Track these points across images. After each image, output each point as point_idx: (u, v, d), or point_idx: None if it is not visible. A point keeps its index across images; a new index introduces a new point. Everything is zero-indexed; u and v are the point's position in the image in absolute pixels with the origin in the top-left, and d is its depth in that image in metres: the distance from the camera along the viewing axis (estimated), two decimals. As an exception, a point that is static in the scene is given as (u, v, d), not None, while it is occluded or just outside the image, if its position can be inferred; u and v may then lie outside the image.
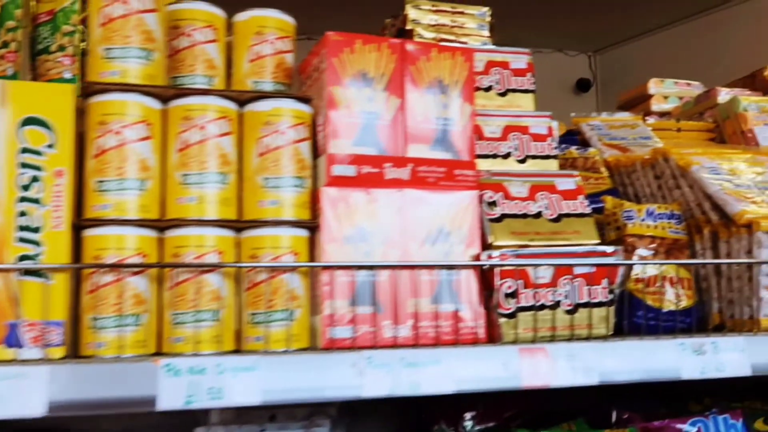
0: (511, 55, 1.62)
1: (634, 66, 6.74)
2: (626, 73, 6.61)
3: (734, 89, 2.21)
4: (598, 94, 7.14)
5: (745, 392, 1.86)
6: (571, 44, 7.27)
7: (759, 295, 1.41)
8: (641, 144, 1.97)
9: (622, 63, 7.21)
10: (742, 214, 1.44)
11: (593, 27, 6.67)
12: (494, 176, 1.37)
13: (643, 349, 1.30)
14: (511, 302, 1.26)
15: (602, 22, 6.52)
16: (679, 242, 1.54)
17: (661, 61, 6.21)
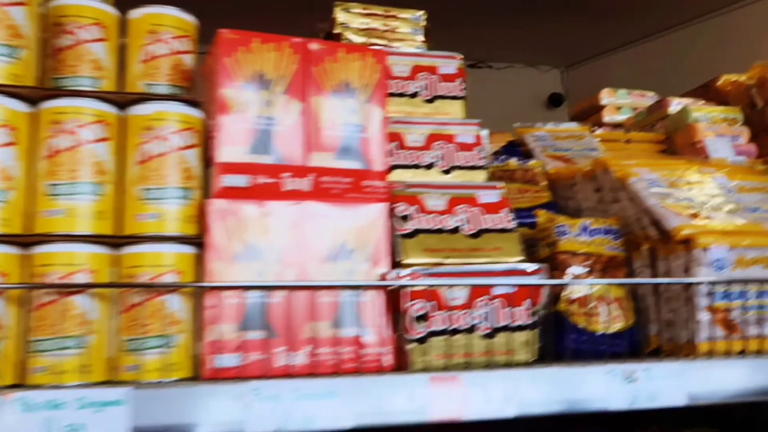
0: (440, 59, 1.51)
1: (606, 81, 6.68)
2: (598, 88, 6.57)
3: (686, 100, 2.13)
4: (570, 109, 7.10)
5: (694, 417, 1.76)
6: (543, 59, 7.22)
7: (697, 317, 1.31)
8: (587, 156, 1.87)
9: (594, 78, 7.16)
10: (680, 229, 1.34)
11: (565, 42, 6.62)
12: (409, 188, 1.26)
13: (568, 376, 1.19)
14: (421, 326, 1.14)
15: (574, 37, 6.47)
16: (616, 259, 1.44)
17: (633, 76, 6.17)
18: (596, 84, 7.90)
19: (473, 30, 6.53)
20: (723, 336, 1.32)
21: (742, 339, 1.33)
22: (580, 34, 6.31)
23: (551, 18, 5.89)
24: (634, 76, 6.29)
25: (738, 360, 1.31)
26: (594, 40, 6.46)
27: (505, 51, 6.82)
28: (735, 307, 1.32)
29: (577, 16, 5.85)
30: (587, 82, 7.17)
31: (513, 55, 7.07)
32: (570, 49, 6.82)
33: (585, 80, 7.03)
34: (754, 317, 1.34)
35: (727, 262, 1.32)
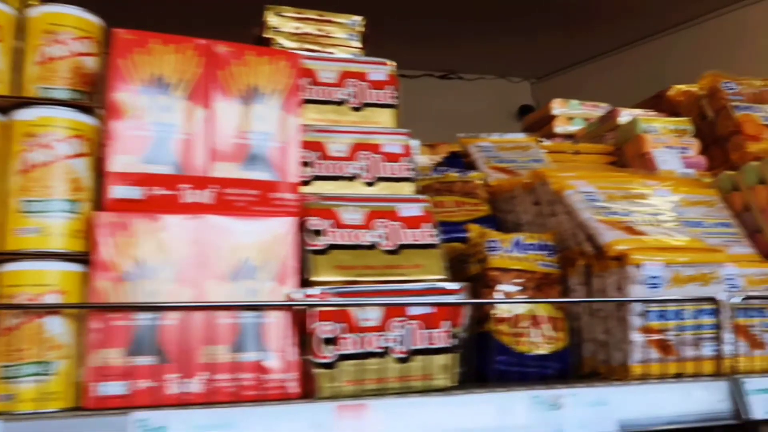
0: (370, 65, 1.44)
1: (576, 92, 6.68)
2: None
3: (638, 111, 2.08)
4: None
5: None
6: (513, 71, 7.21)
7: (630, 338, 1.24)
8: (531, 168, 1.80)
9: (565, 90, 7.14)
10: (613, 245, 1.27)
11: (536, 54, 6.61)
12: (324, 200, 1.18)
13: (490, 403, 1.12)
14: (329, 350, 1.06)
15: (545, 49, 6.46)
16: (550, 277, 1.37)
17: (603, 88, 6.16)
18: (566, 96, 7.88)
19: (444, 41, 6.49)
20: (658, 358, 1.25)
21: (678, 361, 1.26)
22: (551, 46, 6.31)
23: (522, 30, 5.88)
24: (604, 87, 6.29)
25: (673, 384, 1.24)
26: (564, 52, 6.46)
27: (475, 62, 6.79)
28: (670, 328, 1.26)
29: (547, 28, 5.84)
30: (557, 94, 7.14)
31: (484, 67, 7.05)
32: (540, 61, 6.81)
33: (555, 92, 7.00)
34: (691, 338, 1.27)
35: (663, 280, 1.26)
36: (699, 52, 5.42)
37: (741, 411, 1.25)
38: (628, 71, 6.12)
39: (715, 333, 1.29)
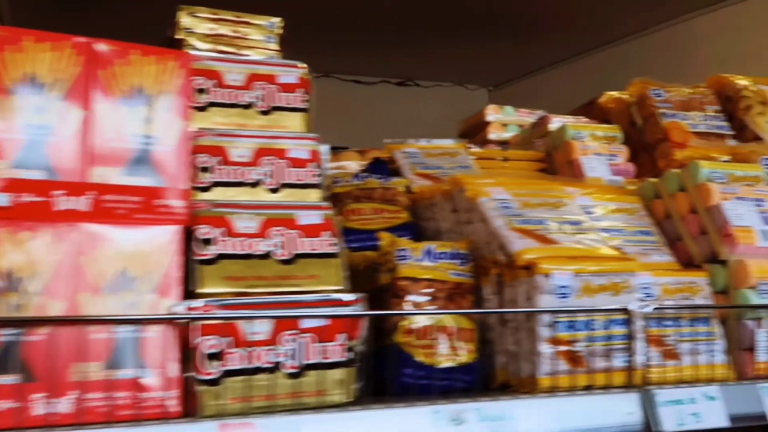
0: (280, 68, 1.39)
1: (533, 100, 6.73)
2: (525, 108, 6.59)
3: (569, 117, 2.06)
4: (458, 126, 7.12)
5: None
6: (470, 78, 7.23)
7: (537, 349, 1.20)
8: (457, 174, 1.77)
9: (522, 97, 7.19)
10: (522, 253, 1.23)
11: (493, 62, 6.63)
12: (216, 208, 1.12)
13: (388, 419, 1.07)
14: (214, 365, 1.00)
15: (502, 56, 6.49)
16: (462, 286, 1.33)
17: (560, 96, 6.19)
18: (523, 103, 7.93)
19: (400, 48, 6.48)
20: (567, 370, 1.22)
21: (588, 373, 1.23)
22: (507, 55, 6.33)
23: (477, 39, 5.89)
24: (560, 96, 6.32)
25: (583, 396, 1.21)
26: (520, 60, 6.49)
27: (432, 70, 6.79)
28: (580, 339, 1.23)
29: (504, 36, 5.86)
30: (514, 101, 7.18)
31: (440, 74, 7.05)
32: (497, 69, 6.83)
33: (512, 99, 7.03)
34: (602, 349, 1.24)
35: (572, 290, 1.22)
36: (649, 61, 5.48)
37: (651, 423, 1.22)
38: (582, 80, 6.16)
39: (627, 344, 1.26)
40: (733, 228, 1.41)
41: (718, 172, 1.49)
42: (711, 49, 4.85)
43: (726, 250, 1.41)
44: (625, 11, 5.26)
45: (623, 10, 5.26)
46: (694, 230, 1.48)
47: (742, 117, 1.90)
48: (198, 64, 1.31)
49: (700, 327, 1.35)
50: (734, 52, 4.53)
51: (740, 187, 1.48)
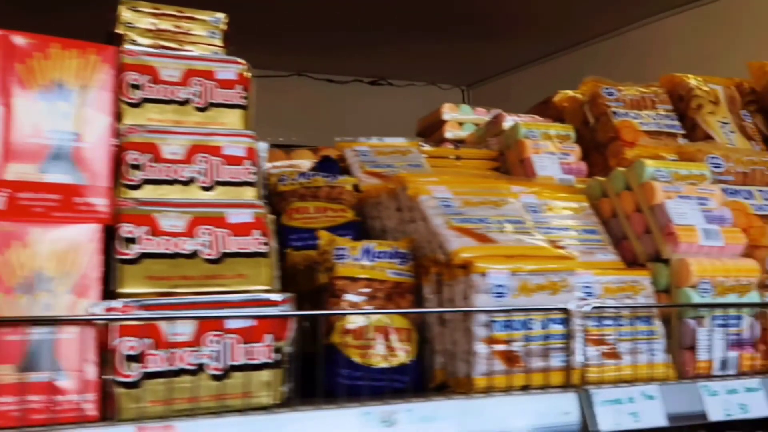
0: (218, 63, 1.36)
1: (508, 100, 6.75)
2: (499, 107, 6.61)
3: (525, 116, 2.05)
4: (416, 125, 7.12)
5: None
6: (444, 78, 7.23)
7: (473, 349, 1.19)
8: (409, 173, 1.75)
9: (496, 97, 7.21)
10: (459, 252, 1.22)
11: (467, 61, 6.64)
12: (142, 206, 1.10)
13: (316, 421, 1.05)
14: (133, 368, 0.98)
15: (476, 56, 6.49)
16: (402, 286, 1.31)
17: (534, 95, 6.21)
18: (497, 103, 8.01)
19: (373, 47, 6.46)
20: (503, 370, 1.20)
21: (525, 372, 1.22)
22: (482, 53, 6.33)
23: (452, 36, 5.89)
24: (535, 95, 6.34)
25: (519, 396, 1.20)
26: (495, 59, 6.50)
27: (405, 69, 6.78)
28: (517, 338, 1.22)
29: (478, 35, 5.86)
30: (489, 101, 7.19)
31: (414, 73, 7.04)
32: (471, 68, 6.84)
33: (486, 99, 7.04)
34: (539, 348, 1.23)
35: (509, 289, 1.21)
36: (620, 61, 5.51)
37: (588, 423, 1.21)
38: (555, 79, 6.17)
39: (565, 343, 1.25)
40: (675, 227, 1.40)
41: (663, 171, 1.49)
42: (679, 49, 4.89)
43: (668, 249, 1.41)
44: (597, 12, 5.29)
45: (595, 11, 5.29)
46: (639, 229, 1.48)
47: (694, 116, 1.90)
48: (133, 59, 1.28)
49: (641, 326, 1.35)
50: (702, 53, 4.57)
51: (684, 185, 1.48)
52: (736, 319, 1.40)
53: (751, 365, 1.40)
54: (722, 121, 1.90)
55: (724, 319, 1.38)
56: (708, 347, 1.37)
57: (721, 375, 1.38)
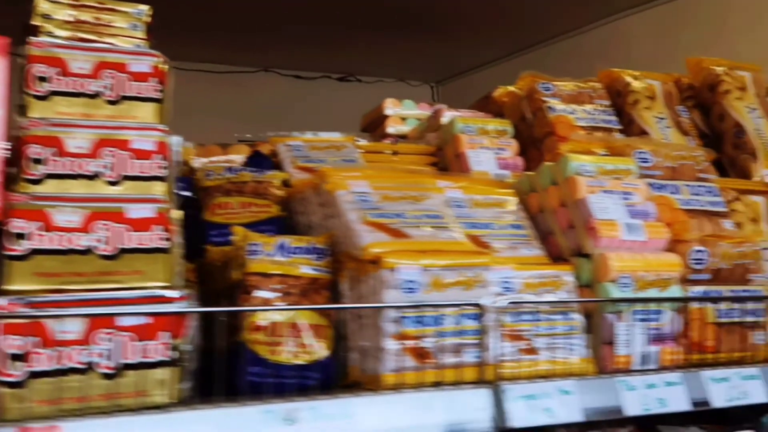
0: (131, 56, 1.33)
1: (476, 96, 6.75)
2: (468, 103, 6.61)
3: (465, 111, 2.04)
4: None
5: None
6: (413, 74, 7.22)
7: (382, 345, 1.18)
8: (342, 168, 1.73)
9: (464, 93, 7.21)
10: (369, 247, 1.21)
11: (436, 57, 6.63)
12: (35, 200, 1.07)
13: (215, 420, 1.03)
14: (18, 367, 0.95)
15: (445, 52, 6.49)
16: (318, 282, 1.29)
17: (500, 93, 6.22)
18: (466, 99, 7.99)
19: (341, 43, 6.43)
20: (414, 366, 1.19)
21: (437, 369, 1.20)
22: (450, 50, 6.33)
23: (421, 33, 5.87)
24: (503, 92, 6.36)
25: (429, 392, 1.18)
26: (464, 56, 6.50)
27: (374, 65, 6.76)
28: (429, 334, 1.20)
29: (447, 32, 5.86)
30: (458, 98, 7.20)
31: (383, 70, 7.02)
32: (440, 65, 6.83)
33: (456, 95, 7.05)
34: (452, 344, 1.22)
35: (420, 285, 1.20)
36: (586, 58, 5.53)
37: (501, 418, 1.20)
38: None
39: (479, 339, 1.24)
40: (596, 221, 1.40)
41: (588, 166, 1.48)
42: (639, 47, 4.94)
43: (590, 244, 1.40)
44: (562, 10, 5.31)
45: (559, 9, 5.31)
46: (564, 224, 1.47)
47: (630, 111, 1.91)
48: (40, 50, 1.25)
49: (561, 321, 1.34)
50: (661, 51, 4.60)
51: (609, 180, 1.48)
52: (656, 313, 1.39)
53: (672, 360, 1.40)
54: (658, 117, 1.90)
55: (644, 313, 1.38)
56: (627, 342, 1.37)
57: (642, 370, 1.38)
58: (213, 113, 6.41)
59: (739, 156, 1.86)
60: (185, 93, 6.88)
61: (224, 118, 6.08)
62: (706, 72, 1.96)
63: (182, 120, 4.93)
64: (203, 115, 6.17)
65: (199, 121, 4.10)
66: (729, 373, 1.43)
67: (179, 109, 5.62)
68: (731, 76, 1.92)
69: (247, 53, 6.57)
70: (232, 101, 6.70)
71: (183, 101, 6.52)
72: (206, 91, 6.76)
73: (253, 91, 6.54)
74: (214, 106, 6.56)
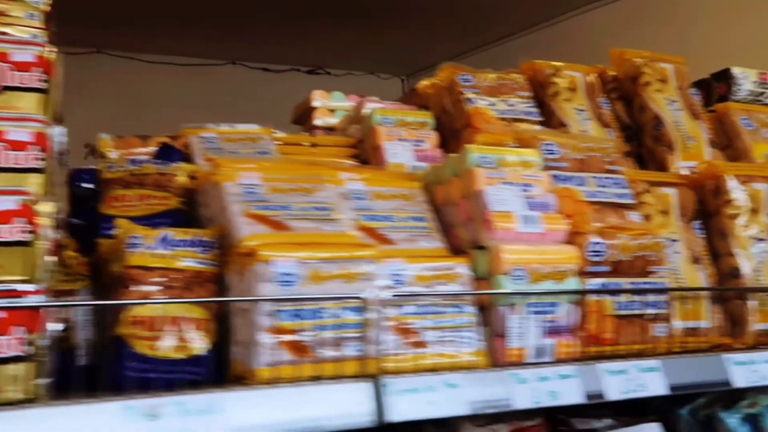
0: (14, 45, 1.31)
1: (445, 90, 6.74)
2: (438, 97, 6.60)
3: (389, 103, 2.02)
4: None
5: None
6: (383, 67, 7.20)
7: (257, 339, 1.16)
8: (255, 160, 1.71)
9: (434, 86, 7.16)
10: (246, 240, 1.19)
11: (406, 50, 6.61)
12: None
13: (72, 416, 1.01)
14: None
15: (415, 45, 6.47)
16: (203, 275, 1.28)
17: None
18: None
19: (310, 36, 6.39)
20: (291, 360, 1.17)
21: (316, 363, 1.19)
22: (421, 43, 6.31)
23: (391, 26, 5.85)
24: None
25: (306, 387, 1.17)
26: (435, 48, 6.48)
27: (344, 58, 6.73)
28: (307, 328, 1.19)
29: (417, 25, 5.84)
30: (429, 90, 7.19)
31: (352, 63, 7.00)
32: (410, 58, 6.81)
33: (426, 88, 7.03)
34: (333, 338, 1.21)
35: (297, 278, 1.18)
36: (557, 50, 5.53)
37: (381, 412, 1.19)
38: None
39: (361, 332, 1.22)
40: (491, 213, 1.39)
41: (489, 157, 1.47)
42: (611, 38, 4.96)
43: (485, 236, 1.39)
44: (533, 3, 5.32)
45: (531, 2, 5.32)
46: (464, 216, 1.46)
47: (550, 103, 1.90)
48: None
49: (453, 314, 1.33)
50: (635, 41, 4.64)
51: (509, 172, 1.47)
52: (552, 306, 1.39)
53: (568, 352, 1.40)
54: (578, 108, 1.89)
55: (538, 306, 1.37)
56: (521, 334, 1.36)
57: (536, 363, 1.37)
58: (181, 105, 6.36)
59: (657, 148, 1.85)
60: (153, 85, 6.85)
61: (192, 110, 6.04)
62: (628, 64, 1.95)
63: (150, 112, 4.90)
64: (171, 108, 6.12)
65: (166, 114, 4.06)
66: (627, 365, 1.43)
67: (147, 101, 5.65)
68: (652, 68, 1.91)
69: (215, 45, 6.52)
70: (199, 93, 6.64)
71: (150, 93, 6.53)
72: (174, 84, 6.71)
73: (221, 84, 6.49)
74: (182, 99, 6.50)
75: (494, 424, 1.62)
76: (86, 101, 6.22)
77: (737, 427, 1.74)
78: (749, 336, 1.61)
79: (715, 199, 1.67)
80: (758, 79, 2.23)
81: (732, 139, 1.90)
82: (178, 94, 6.66)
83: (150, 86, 6.68)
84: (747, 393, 1.85)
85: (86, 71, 6.38)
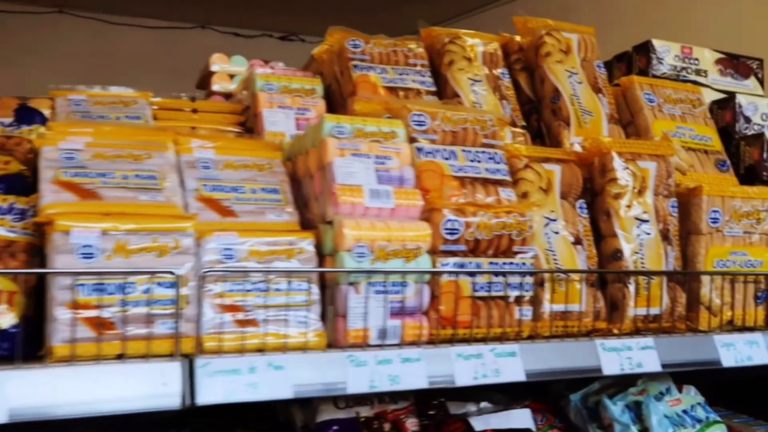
0: None
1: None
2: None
3: (281, 69, 1.93)
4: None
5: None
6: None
7: (54, 314, 1.09)
8: (123, 125, 1.63)
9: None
10: (45, 208, 1.12)
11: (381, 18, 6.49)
12: None
13: None
14: None
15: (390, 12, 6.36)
16: (16, 244, 1.20)
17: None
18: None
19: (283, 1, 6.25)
20: (93, 338, 1.11)
21: (123, 341, 1.12)
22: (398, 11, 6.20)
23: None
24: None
25: (106, 366, 1.10)
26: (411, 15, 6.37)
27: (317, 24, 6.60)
28: (110, 303, 1.12)
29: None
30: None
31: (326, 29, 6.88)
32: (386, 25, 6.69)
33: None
34: (141, 315, 1.14)
35: (99, 250, 1.11)
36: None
37: (191, 394, 1.13)
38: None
39: (174, 309, 1.16)
40: (338, 186, 1.31)
41: (344, 127, 1.39)
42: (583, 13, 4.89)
43: (331, 210, 1.32)
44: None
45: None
46: (317, 189, 1.39)
47: (445, 72, 1.81)
48: None
49: (288, 292, 1.26)
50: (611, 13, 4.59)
51: (365, 143, 1.38)
52: (399, 285, 1.32)
53: (417, 335, 1.33)
54: (473, 79, 1.80)
55: (383, 285, 1.30)
56: (363, 315, 1.29)
57: (380, 345, 1.30)
58: (149, 69, 6.24)
59: (553, 122, 1.77)
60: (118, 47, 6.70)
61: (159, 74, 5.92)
62: (531, 33, 1.86)
63: (118, 75, 4.75)
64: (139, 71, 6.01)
65: (135, 77, 3.97)
66: (483, 349, 1.36)
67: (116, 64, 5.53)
68: (555, 37, 1.82)
69: (183, 8, 6.38)
70: (167, 58, 6.51)
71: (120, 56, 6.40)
72: (143, 47, 6.58)
73: (190, 48, 6.36)
74: (149, 63, 6.38)
75: (357, 407, 1.57)
76: (46, 62, 6.13)
77: (620, 414, 1.69)
78: (627, 321, 1.55)
79: (600, 178, 1.59)
80: (681, 53, 2.13)
81: (634, 114, 1.81)
82: (145, 58, 6.53)
83: (115, 48, 6.55)
84: (639, 379, 1.81)
85: (46, 31, 6.27)
